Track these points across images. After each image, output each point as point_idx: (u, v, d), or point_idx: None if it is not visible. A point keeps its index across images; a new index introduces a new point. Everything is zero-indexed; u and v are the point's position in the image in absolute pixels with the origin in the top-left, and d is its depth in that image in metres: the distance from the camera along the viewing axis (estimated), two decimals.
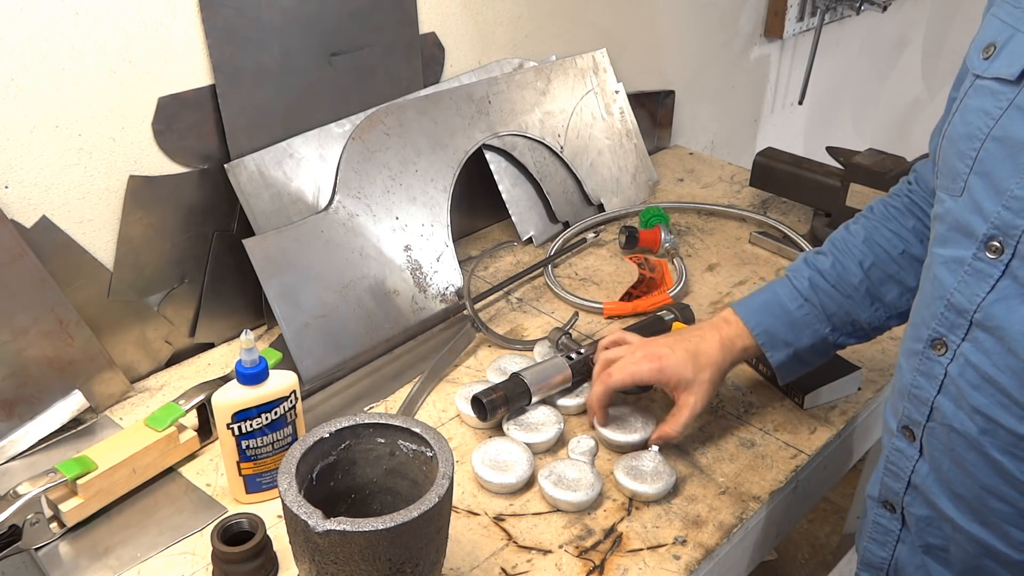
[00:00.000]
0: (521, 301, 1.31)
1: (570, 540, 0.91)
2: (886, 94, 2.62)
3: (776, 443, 1.05)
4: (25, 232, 0.99)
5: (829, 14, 2.03)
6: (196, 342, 1.19)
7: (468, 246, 1.45)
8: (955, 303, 0.73)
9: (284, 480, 0.75)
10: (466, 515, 0.94)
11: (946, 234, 0.75)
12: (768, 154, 1.55)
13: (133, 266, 1.09)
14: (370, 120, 1.23)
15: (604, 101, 1.52)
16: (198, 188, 1.12)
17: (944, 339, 0.74)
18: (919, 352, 0.77)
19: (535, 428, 1.02)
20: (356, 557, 0.72)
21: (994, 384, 0.70)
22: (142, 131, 1.06)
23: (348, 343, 1.15)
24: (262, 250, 1.11)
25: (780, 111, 2.21)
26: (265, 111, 1.15)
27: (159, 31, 1.03)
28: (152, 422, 0.97)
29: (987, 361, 0.70)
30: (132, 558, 0.89)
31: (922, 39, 2.62)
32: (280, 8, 1.11)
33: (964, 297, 0.72)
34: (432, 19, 1.31)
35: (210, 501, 0.96)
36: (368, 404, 1.10)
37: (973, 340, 0.72)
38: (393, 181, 1.24)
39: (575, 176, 1.48)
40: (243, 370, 0.88)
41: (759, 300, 1.00)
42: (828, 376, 1.10)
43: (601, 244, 1.46)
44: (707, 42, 1.87)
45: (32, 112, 0.96)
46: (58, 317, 1.01)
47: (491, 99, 1.37)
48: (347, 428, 0.81)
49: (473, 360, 1.18)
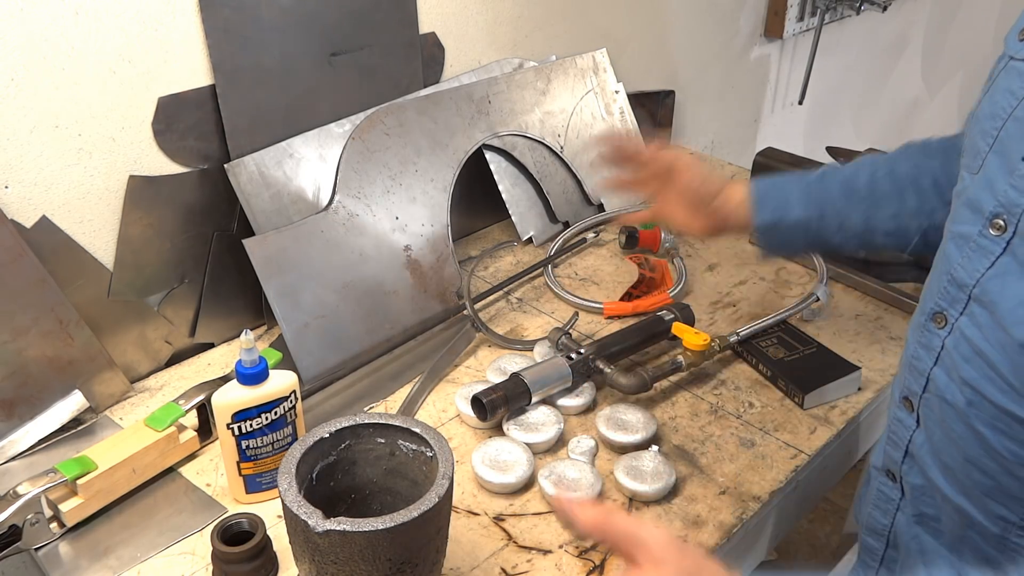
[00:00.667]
0: (521, 301, 1.31)
1: (570, 540, 0.91)
2: (886, 94, 2.62)
3: (776, 443, 1.05)
4: (25, 232, 0.99)
5: (829, 14, 2.03)
6: (196, 342, 1.19)
7: (468, 246, 1.45)
8: (957, 278, 0.75)
9: (284, 480, 0.75)
10: (466, 515, 0.94)
11: (959, 210, 0.76)
12: (768, 154, 1.55)
13: (133, 266, 1.09)
14: (370, 120, 1.23)
15: (604, 101, 1.52)
16: (198, 188, 1.12)
17: (944, 313, 0.76)
18: (922, 325, 0.79)
19: (535, 428, 1.02)
20: (356, 557, 0.72)
21: (983, 357, 0.71)
22: (142, 131, 1.06)
23: (348, 343, 1.15)
24: (262, 250, 1.11)
25: (780, 111, 2.21)
26: (265, 111, 1.15)
27: (159, 31, 1.03)
28: (152, 422, 0.97)
29: (980, 335, 0.72)
30: (132, 558, 0.89)
31: (922, 39, 2.62)
32: (280, 8, 1.11)
33: (966, 272, 0.74)
34: (432, 19, 1.31)
35: (210, 501, 0.96)
36: (368, 404, 1.10)
37: (970, 314, 0.73)
38: (393, 181, 1.24)
39: (575, 176, 1.48)
40: (243, 370, 0.88)
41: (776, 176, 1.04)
42: (828, 376, 1.11)
43: (601, 244, 1.46)
44: (707, 42, 1.87)
45: (32, 112, 0.96)
46: (58, 317, 1.01)
47: (491, 99, 1.37)
48: (347, 428, 0.81)
49: (473, 360, 1.18)
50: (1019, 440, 0.70)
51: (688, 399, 1.11)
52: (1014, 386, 0.69)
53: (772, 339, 1.18)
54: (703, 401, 1.11)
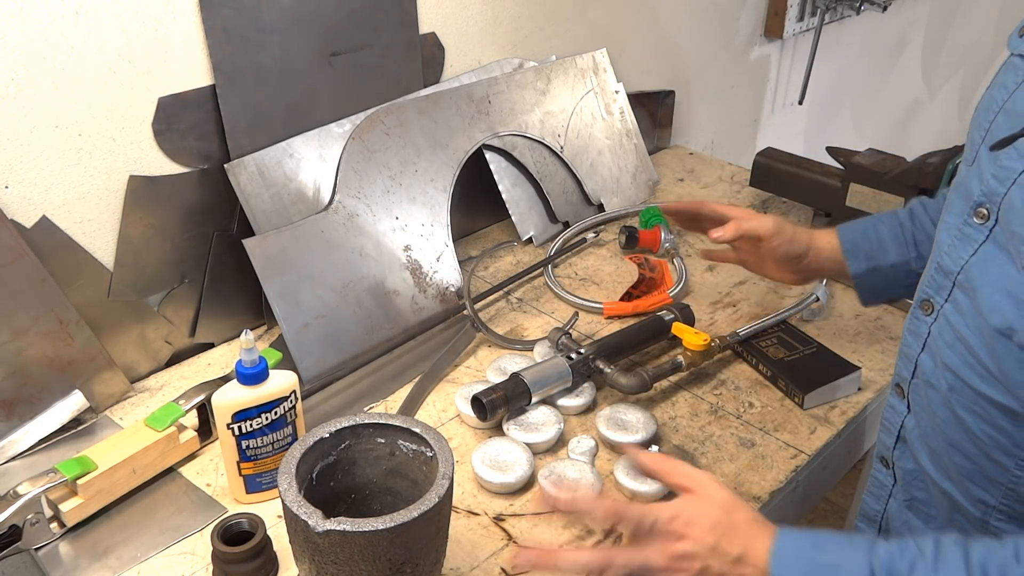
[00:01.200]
0: (521, 301, 1.31)
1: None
2: (886, 94, 2.62)
3: (776, 443, 1.05)
4: (25, 232, 0.99)
5: (829, 14, 2.03)
6: (196, 342, 1.19)
7: (468, 246, 1.45)
8: (943, 265, 0.77)
9: (284, 480, 0.75)
10: (466, 515, 0.94)
11: (953, 200, 0.78)
12: (768, 154, 1.55)
13: (133, 266, 1.09)
14: (370, 120, 1.23)
15: (604, 101, 1.52)
16: (198, 188, 1.12)
17: (931, 300, 0.78)
18: (912, 312, 0.82)
19: (535, 428, 1.02)
20: (356, 557, 0.72)
21: (964, 343, 0.73)
22: (142, 131, 1.06)
23: (348, 343, 1.15)
24: (262, 250, 1.11)
25: (780, 111, 2.21)
26: (265, 111, 1.15)
27: (159, 31, 1.03)
28: (152, 422, 0.97)
29: (961, 321, 0.74)
30: (132, 558, 0.89)
31: (922, 39, 2.62)
32: (280, 8, 1.11)
33: (951, 259, 0.76)
34: (432, 19, 1.31)
35: (210, 501, 0.96)
36: (368, 404, 1.10)
37: (954, 301, 0.75)
38: (393, 181, 1.24)
39: (575, 176, 1.48)
40: (243, 370, 0.88)
41: (859, 221, 1.05)
42: (828, 376, 1.11)
43: (601, 244, 1.46)
44: (707, 42, 1.87)
45: (32, 112, 0.96)
46: (58, 317, 1.01)
47: (491, 99, 1.37)
48: (347, 428, 0.81)
49: (473, 360, 1.18)
50: (995, 424, 0.72)
51: (688, 399, 1.11)
52: (991, 371, 0.71)
53: (772, 339, 1.18)
54: (703, 401, 1.11)
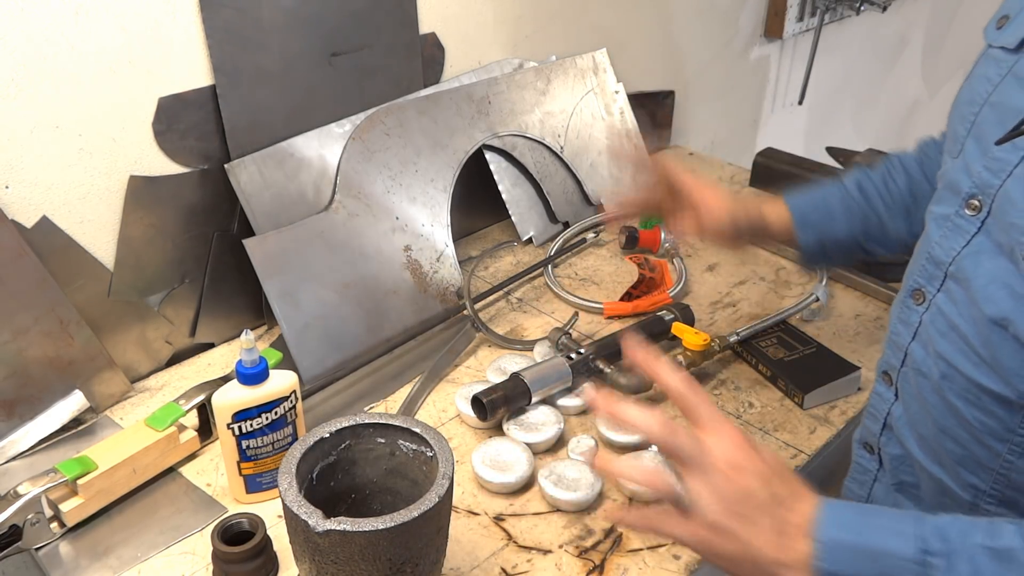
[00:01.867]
0: (521, 301, 1.31)
1: (570, 540, 0.91)
2: (886, 94, 2.62)
3: (776, 443, 1.05)
4: (25, 232, 0.99)
5: (829, 14, 2.03)
6: (196, 342, 1.19)
7: (468, 246, 1.45)
8: (935, 256, 0.77)
9: (284, 480, 0.75)
10: (466, 515, 0.94)
11: (940, 192, 0.79)
12: (768, 154, 1.55)
13: (133, 266, 1.10)
14: (370, 120, 1.23)
15: (604, 101, 1.52)
16: (198, 188, 1.12)
17: (923, 289, 0.79)
18: (902, 301, 0.82)
19: (535, 428, 1.02)
20: (356, 557, 0.72)
21: (957, 332, 0.74)
22: (142, 131, 1.06)
23: (348, 343, 1.15)
24: (262, 250, 1.11)
25: (780, 111, 2.21)
26: (265, 111, 1.15)
27: (159, 31, 1.03)
28: (152, 422, 0.97)
29: (955, 310, 0.74)
30: (132, 558, 0.89)
31: (922, 39, 2.62)
32: (280, 8, 1.12)
33: (943, 250, 0.76)
34: (432, 19, 1.31)
35: (210, 501, 0.96)
36: (368, 404, 1.10)
37: (946, 291, 0.76)
38: (393, 181, 1.24)
39: (575, 176, 1.48)
40: (243, 370, 0.88)
41: (807, 190, 1.04)
42: (828, 376, 1.11)
43: (601, 244, 1.46)
44: (707, 42, 1.87)
45: (32, 112, 0.96)
46: (58, 317, 1.01)
47: (491, 99, 1.37)
48: (347, 428, 0.81)
49: (473, 360, 1.18)
50: (988, 411, 0.72)
51: None
52: (984, 359, 0.71)
53: (772, 339, 1.18)
54: None
